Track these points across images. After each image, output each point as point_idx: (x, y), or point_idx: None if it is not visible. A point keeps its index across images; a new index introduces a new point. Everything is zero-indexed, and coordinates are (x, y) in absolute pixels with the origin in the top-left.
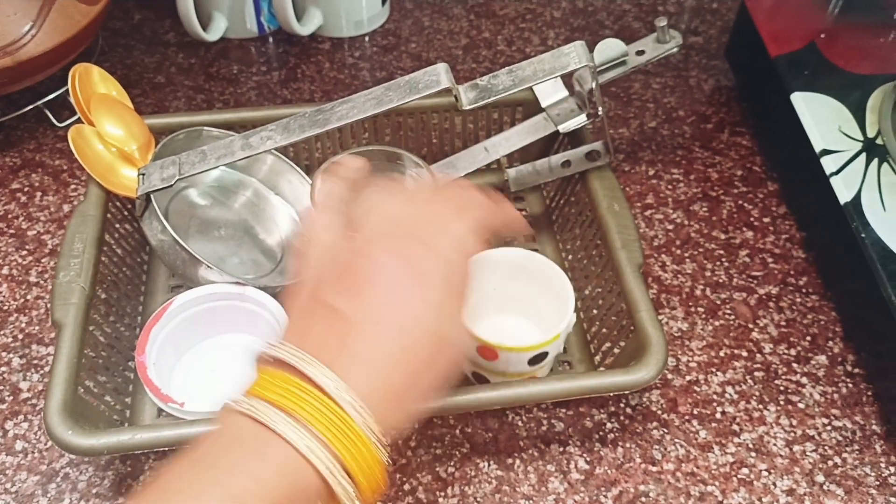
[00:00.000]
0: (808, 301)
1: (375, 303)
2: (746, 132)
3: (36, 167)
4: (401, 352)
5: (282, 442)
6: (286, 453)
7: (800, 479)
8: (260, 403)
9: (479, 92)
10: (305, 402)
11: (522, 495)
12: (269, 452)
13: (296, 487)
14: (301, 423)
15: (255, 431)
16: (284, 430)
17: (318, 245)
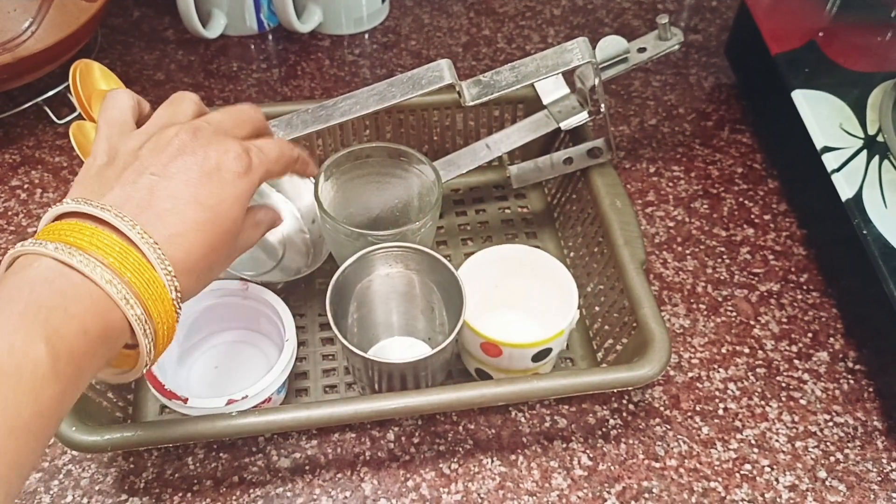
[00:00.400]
0: (808, 298)
1: (178, 181)
2: (746, 130)
3: (35, 164)
4: (200, 224)
5: (87, 280)
6: (93, 291)
7: (802, 475)
8: (59, 246)
9: (482, 88)
10: (106, 246)
11: (526, 491)
12: (77, 290)
13: (104, 325)
14: (104, 263)
15: (60, 271)
16: (88, 270)
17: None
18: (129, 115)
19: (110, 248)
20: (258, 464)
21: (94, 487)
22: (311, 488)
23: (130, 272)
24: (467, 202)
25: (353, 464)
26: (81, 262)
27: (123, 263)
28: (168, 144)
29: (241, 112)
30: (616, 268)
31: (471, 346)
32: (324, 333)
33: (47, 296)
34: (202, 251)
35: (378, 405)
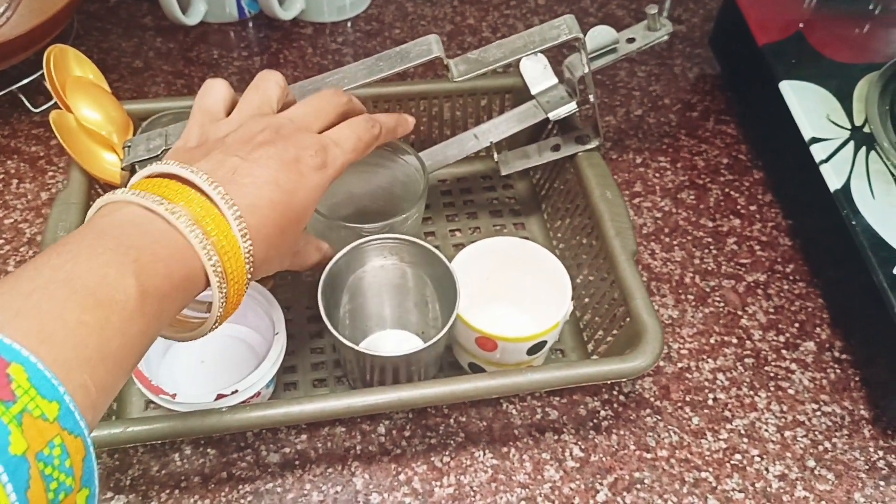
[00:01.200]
0: (795, 288)
1: (259, 165)
2: (731, 120)
3: (11, 154)
4: (276, 203)
5: (171, 228)
6: (177, 238)
7: (791, 465)
8: (147, 194)
9: (471, 64)
10: (191, 201)
11: (518, 483)
12: (163, 236)
13: (185, 271)
14: (187, 215)
15: (146, 217)
16: (174, 218)
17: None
18: (221, 105)
19: (194, 202)
20: (247, 459)
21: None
22: (302, 483)
23: (212, 226)
24: (455, 192)
25: (344, 458)
26: (168, 211)
27: (205, 218)
28: (252, 137)
29: (322, 101)
30: (607, 259)
31: (465, 340)
32: (312, 326)
33: (136, 237)
34: (274, 228)
35: (372, 399)
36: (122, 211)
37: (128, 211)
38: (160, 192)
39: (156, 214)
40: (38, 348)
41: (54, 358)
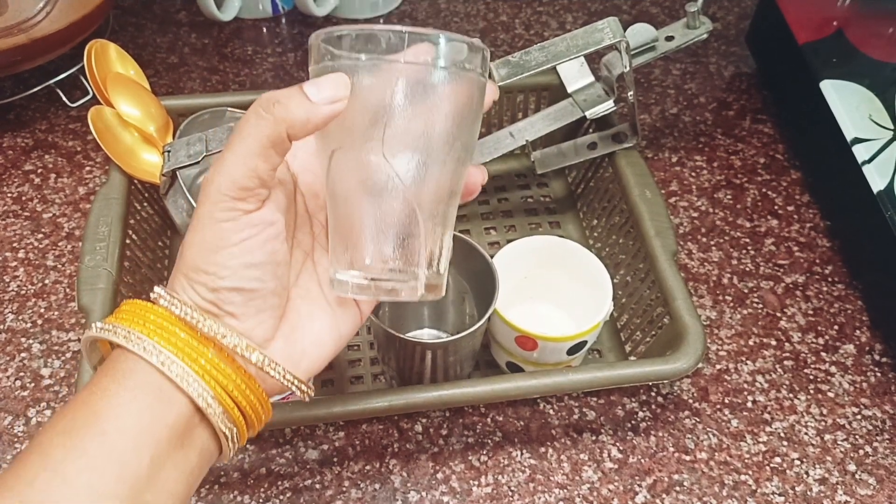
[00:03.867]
0: (834, 290)
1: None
2: (768, 120)
3: (49, 148)
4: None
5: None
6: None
7: (832, 468)
8: (138, 337)
9: (512, 68)
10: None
11: (556, 484)
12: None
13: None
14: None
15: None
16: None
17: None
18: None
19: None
20: (286, 455)
21: None
22: (340, 480)
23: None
24: (490, 191)
25: (382, 455)
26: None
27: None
28: None
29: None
30: (646, 259)
31: (503, 339)
32: None
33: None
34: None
35: (413, 397)
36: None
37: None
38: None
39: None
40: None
41: None
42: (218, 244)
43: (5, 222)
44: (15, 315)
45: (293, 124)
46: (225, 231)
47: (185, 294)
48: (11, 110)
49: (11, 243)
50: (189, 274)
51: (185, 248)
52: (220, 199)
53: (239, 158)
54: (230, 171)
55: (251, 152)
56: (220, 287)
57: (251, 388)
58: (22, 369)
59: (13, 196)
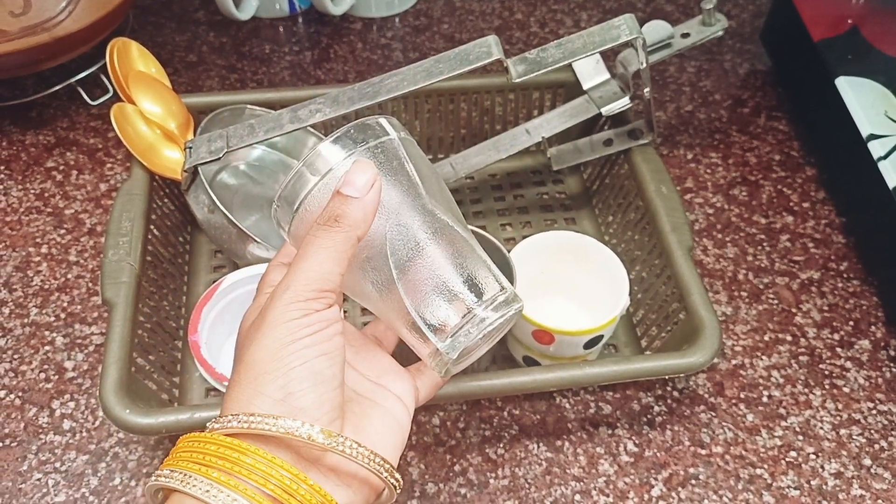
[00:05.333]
0: (849, 286)
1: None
2: (783, 117)
3: (70, 145)
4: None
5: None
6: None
7: (847, 463)
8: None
9: (529, 65)
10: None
11: (573, 477)
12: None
13: None
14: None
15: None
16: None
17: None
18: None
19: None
20: None
21: (141, 470)
22: None
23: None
24: (505, 187)
25: None
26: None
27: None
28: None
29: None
30: (662, 254)
31: (520, 333)
32: (367, 318)
33: None
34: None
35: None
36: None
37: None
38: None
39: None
40: None
41: None
42: (291, 337)
43: (28, 218)
44: (39, 309)
45: (358, 226)
46: (297, 325)
47: (253, 405)
48: (33, 108)
49: (34, 239)
50: (258, 378)
51: (250, 356)
52: (296, 299)
53: (316, 265)
54: (308, 276)
55: (329, 259)
56: (291, 378)
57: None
58: (46, 362)
59: (36, 193)
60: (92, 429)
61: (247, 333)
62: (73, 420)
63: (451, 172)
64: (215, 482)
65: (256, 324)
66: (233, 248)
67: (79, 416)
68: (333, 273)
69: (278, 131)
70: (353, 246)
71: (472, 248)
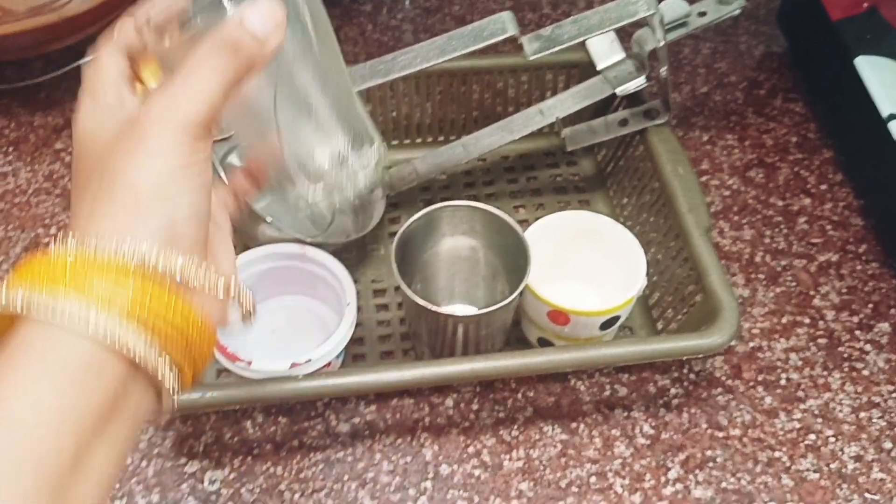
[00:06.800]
0: (868, 269)
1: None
2: (800, 98)
3: None
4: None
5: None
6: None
7: (867, 446)
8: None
9: (544, 42)
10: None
11: (588, 459)
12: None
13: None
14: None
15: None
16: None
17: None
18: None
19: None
20: (317, 428)
21: (152, 451)
22: (372, 453)
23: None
24: (518, 169)
25: (413, 429)
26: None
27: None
28: None
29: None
30: (679, 236)
31: (535, 314)
32: (378, 300)
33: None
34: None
35: (445, 369)
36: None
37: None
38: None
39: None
40: None
41: None
42: (179, 173)
43: (37, 199)
44: None
45: (255, 67)
46: (186, 158)
47: (132, 235)
48: (42, 90)
49: (43, 220)
50: (139, 207)
51: (131, 177)
52: (186, 129)
53: (208, 94)
54: (200, 105)
55: (221, 91)
56: (177, 216)
57: (187, 315)
58: None
59: (45, 174)
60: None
61: (116, 146)
62: None
63: (462, 153)
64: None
65: (131, 142)
66: (244, 229)
67: None
68: (219, 106)
69: None
70: (243, 84)
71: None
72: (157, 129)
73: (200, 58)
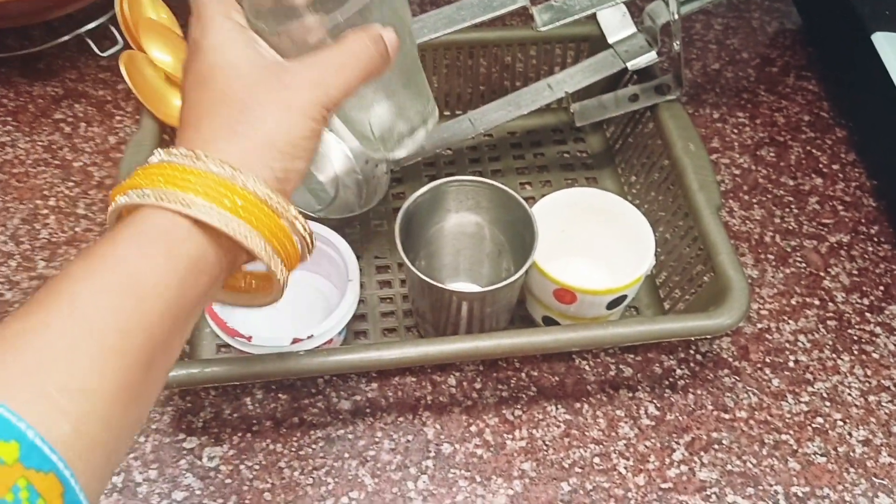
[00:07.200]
0: (879, 250)
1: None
2: (813, 77)
3: (79, 97)
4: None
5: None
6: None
7: (876, 430)
8: (158, 191)
9: (555, 13)
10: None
11: (592, 439)
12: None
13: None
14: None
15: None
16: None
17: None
18: None
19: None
20: (318, 405)
21: (150, 426)
22: (373, 431)
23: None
24: (525, 145)
25: (415, 408)
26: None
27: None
28: None
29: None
30: (689, 214)
31: (541, 292)
32: (381, 276)
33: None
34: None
35: (450, 347)
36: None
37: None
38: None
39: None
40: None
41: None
42: (310, 135)
43: (36, 170)
44: (46, 262)
45: (379, 73)
46: (316, 127)
47: (254, 169)
48: (41, 59)
49: (42, 191)
50: (268, 148)
51: (268, 122)
52: (326, 103)
53: (352, 85)
54: (341, 91)
55: (357, 84)
56: (293, 167)
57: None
58: None
59: (43, 145)
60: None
61: (258, 92)
62: None
63: (469, 128)
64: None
65: (278, 96)
66: None
67: None
68: (348, 96)
69: None
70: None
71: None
72: (306, 96)
73: (350, 55)
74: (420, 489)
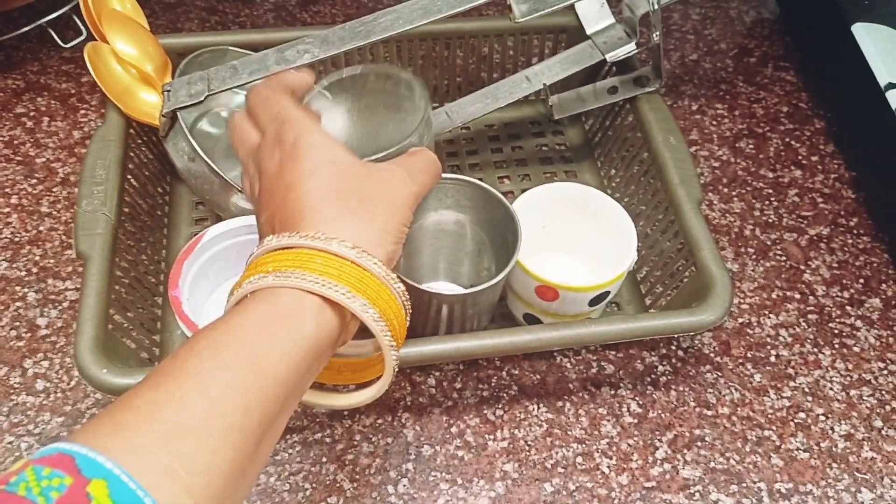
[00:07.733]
0: (859, 243)
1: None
2: (791, 67)
3: (41, 90)
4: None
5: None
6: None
7: (858, 424)
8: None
9: (533, 3)
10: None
11: (574, 438)
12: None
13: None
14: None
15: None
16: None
17: (330, 151)
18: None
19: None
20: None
21: None
22: (351, 434)
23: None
24: (503, 138)
25: (394, 409)
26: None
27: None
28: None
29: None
30: (670, 208)
31: (522, 289)
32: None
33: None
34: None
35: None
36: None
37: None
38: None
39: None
40: (125, 457)
41: (144, 466)
42: (407, 223)
43: None
44: (9, 263)
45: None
46: (409, 215)
47: (364, 245)
48: (1, 51)
49: (4, 189)
50: (379, 232)
51: (376, 209)
52: (414, 203)
53: (427, 188)
54: (423, 189)
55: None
56: (394, 250)
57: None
58: (17, 319)
59: (4, 140)
60: (67, 389)
61: (372, 186)
62: (46, 380)
63: (446, 121)
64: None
65: (389, 189)
66: (215, 200)
67: (53, 376)
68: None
69: (263, 73)
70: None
71: None
72: (406, 190)
73: (427, 163)
74: (400, 493)
